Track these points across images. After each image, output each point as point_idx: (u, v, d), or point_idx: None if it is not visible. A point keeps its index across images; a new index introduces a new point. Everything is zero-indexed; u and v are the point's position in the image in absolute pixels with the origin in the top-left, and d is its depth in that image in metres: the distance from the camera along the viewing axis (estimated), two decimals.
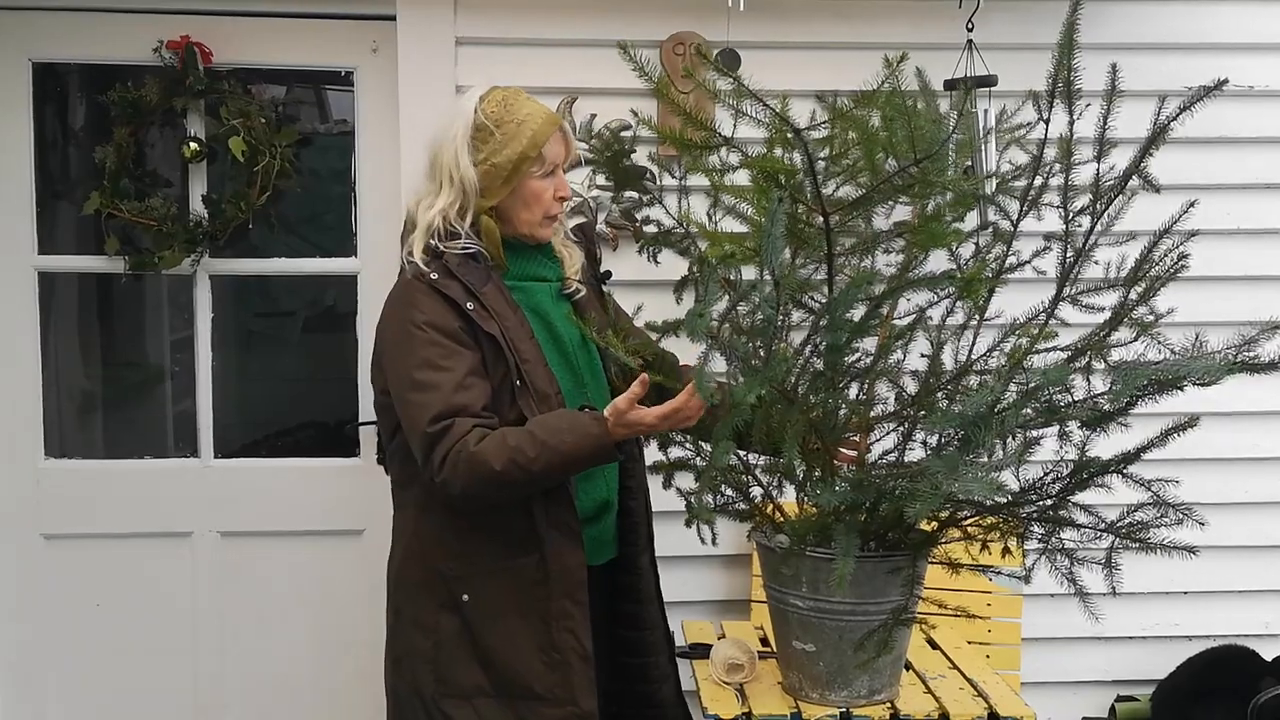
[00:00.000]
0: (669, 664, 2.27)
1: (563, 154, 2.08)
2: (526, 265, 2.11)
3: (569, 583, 2.01)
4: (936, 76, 2.48)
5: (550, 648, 2.00)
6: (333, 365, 3.10)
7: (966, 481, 1.76)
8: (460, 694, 2.02)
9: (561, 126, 2.07)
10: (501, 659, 2.01)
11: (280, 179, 2.92)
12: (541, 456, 1.86)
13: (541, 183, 2.05)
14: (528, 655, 2.00)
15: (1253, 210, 3.08)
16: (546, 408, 1.97)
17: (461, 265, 2.01)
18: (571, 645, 2.00)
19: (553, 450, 1.87)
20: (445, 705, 2.02)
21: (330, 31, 2.98)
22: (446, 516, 2.02)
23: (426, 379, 1.92)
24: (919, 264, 2.18)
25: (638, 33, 2.75)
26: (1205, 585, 3.13)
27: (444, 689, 2.02)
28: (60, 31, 2.92)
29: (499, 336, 1.97)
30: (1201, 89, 1.83)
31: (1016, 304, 2.16)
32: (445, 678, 2.03)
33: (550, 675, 2.00)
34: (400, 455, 2.08)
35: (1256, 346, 1.80)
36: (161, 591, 3.05)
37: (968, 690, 2.31)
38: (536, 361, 2.01)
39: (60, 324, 3.09)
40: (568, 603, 2.00)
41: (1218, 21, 3.03)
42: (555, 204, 2.07)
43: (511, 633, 2.00)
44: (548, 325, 2.09)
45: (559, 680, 2.00)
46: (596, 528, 2.11)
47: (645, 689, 2.21)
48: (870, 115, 2.02)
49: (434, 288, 1.98)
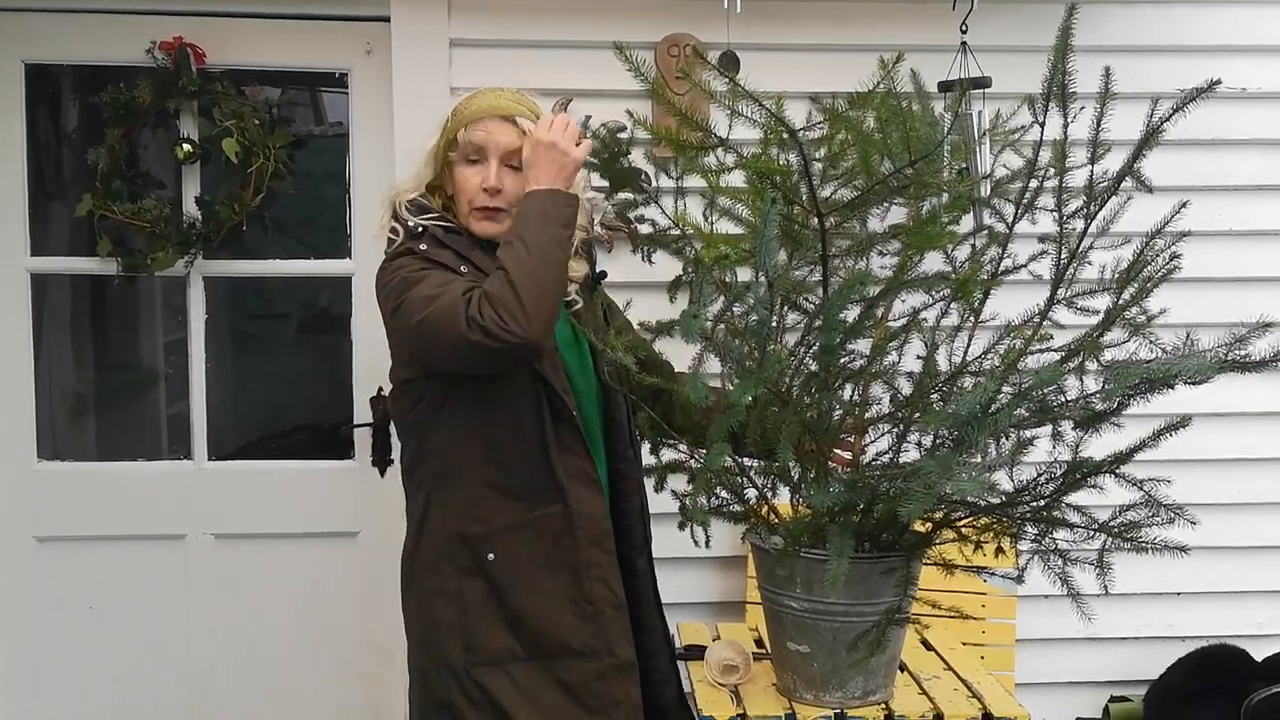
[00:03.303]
0: (670, 666, 2.24)
1: (491, 144, 2.00)
2: None
3: (594, 530, 2.00)
4: (931, 79, 2.48)
5: (583, 599, 1.98)
6: (327, 367, 3.10)
7: (960, 482, 1.76)
8: (492, 660, 1.97)
9: (506, 116, 2.01)
10: (531, 617, 1.97)
11: (274, 180, 2.92)
12: (526, 235, 1.85)
13: (464, 170, 2.02)
14: (559, 610, 1.97)
15: (1245, 211, 3.10)
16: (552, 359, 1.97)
17: (448, 235, 2.01)
18: (603, 594, 1.99)
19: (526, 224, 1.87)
20: (477, 674, 1.97)
21: (324, 33, 2.98)
22: (464, 478, 1.99)
23: (438, 292, 1.88)
24: (914, 266, 2.18)
25: (632, 35, 2.76)
26: (1198, 586, 3.14)
27: (474, 657, 1.98)
28: (53, 33, 2.91)
29: None
30: (1193, 91, 1.84)
31: (1011, 306, 2.16)
32: (474, 645, 1.98)
33: (584, 627, 1.97)
34: (414, 436, 2.06)
35: (1247, 346, 1.81)
36: (155, 594, 3.04)
37: (962, 691, 2.32)
38: None
39: (53, 326, 3.08)
40: (596, 551, 1.99)
41: (1211, 24, 3.05)
42: (482, 195, 2.01)
43: (540, 588, 1.97)
44: None
45: (594, 631, 1.98)
46: None
47: (647, 692, 2.17)
48: (865, 117, 2.02)
49: (424, 256, 1.97)
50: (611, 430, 2.13)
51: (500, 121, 2.02)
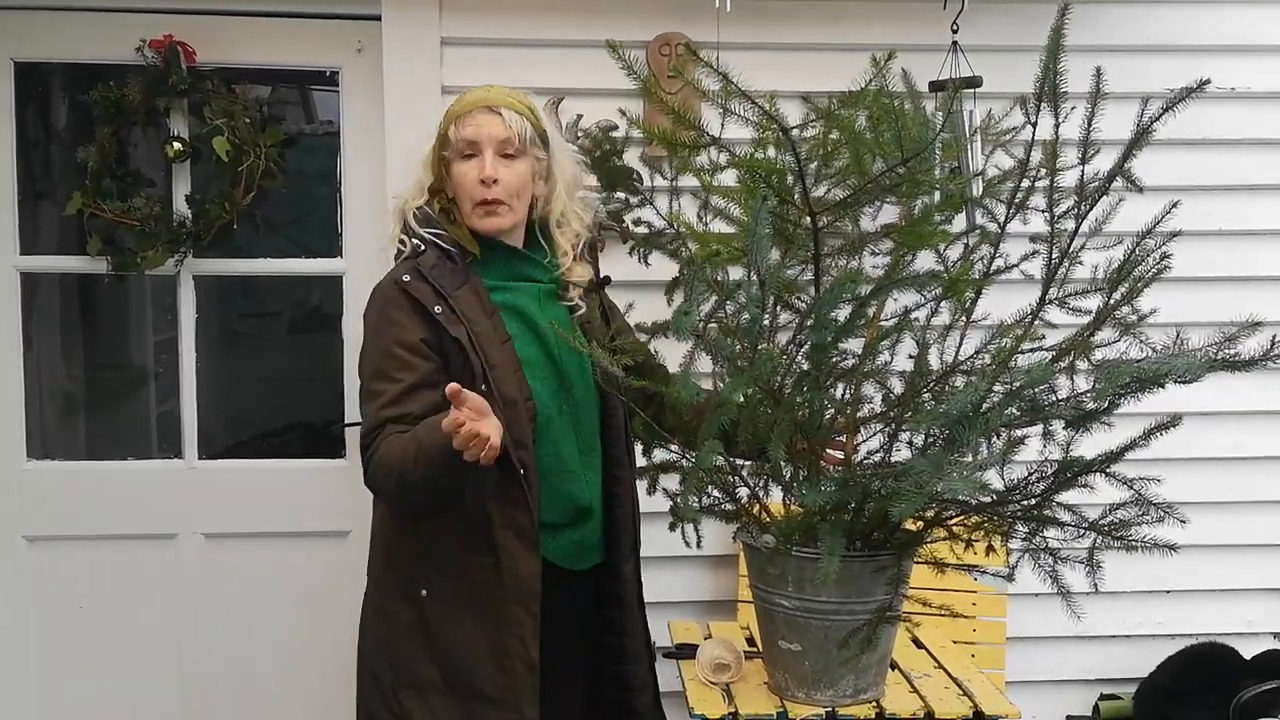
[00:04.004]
0: (648, 673, 2.25)
1: (482, 136, 2.01)
2: (513, 265, 2.10)
3: (521, 590, 1.98)
4: (922, 78, 2.49)
5: (501, 652, 1.98)
6: (318, 366, 3.09)
7: (951, 481, 1.77)
8: (414, 685, 2.01)
9: (490, 107, 2.01)
10: (454, 656, 1.99)
11: (265, 179, 2.91)
12: (420, 457, 1.83)
13: (460, 167, 2.03)
14: (478, 656, 1.98)
15: (1235, 211, 3.11)
16: (513, 413, 1.94)
17: (436, 266, 2.01)
18: (518, 652, 1.98)
19: (425, 451, 1.82)
20: (401, 695, 2.02)
21: (315, 31, 2.97)
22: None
23: (375, 389, 1.96)
24: (906, 265, 2.18)
25: (624, 34, 2.74)
26: (1188, 584, 3.15)
27: (400, 678, 2.03)
28: (42, 31, 2.90)
29: (465, 341, 1.96)
30: (1183, 90, 1.84)
31: (1003, 306, 2.17)
32: (401, 667, 2.03)
33: (499, 678, 1.98)
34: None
35: (1237, 345, 1.82)
36: (145, 593, 3.04)
37: (953, 689, 2.32)
38: (506, 367, 1.98)
39: (42, 325, 3.07)
40: (519, 609, 1.98)
41: (1202, 24, 3.06)
42: (480, 188, 2.01)
43: (465, 632, 1.99)
44: (532, 327, 2.07)
45: (506, 684, 1.98)
46: (578, 532, 2.10)
47: (624, 696, 2.19)
48: (857, 116, 2.02)
49: (404, 290, 1.98)
50: (608, 435, 2.13)
51: (488, 113, 2.02)
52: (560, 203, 2.12)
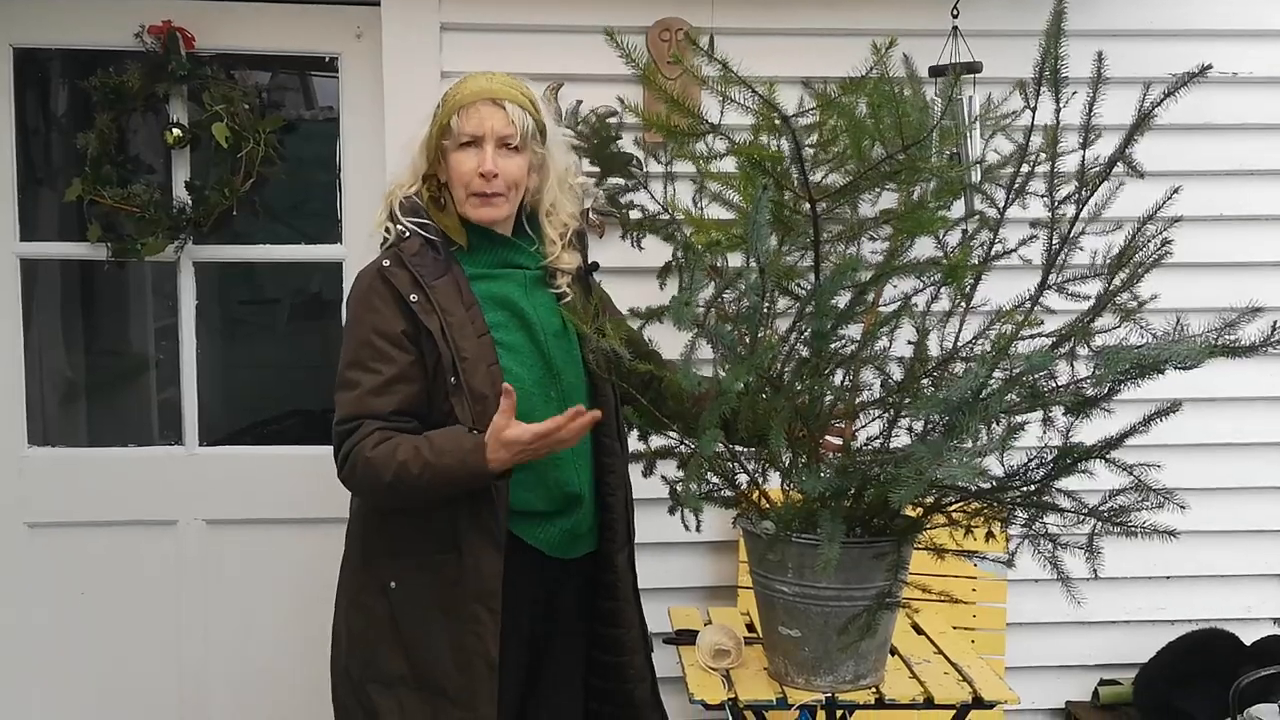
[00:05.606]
0: (645, 664, 2.24)
1: (485, 130, 2.00)
2: (499, 252, 2.09)
3: (482, 589, 1.97)
4: (922, 64, 2.48)
5: (459, 649, 1.97)
6: (318, 353, 3.10)
7: (951, 467, 1.76)
8: (384, 680, 2.02)
9: (495, 100, 2.01)
10: (419, 652, 2.00)
11: (264, 165, 2.91)
12: (425, 474, 1.87)
13: (458, 155, 2.02)
14: (442, 652, 1.98)
15: (1235, 196, 3.10)
16: (481, 409, 1.93)
17: (418, 255, 2.01)
18: (478, 649, 1.97)
19: (434, 470, 1.88)
20: (370, 690, 2.03)
21: (314, 17, 2.96)
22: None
23: (352, 378, 1.98)
24: (905, 251, 2.18)
25: (623, 19, 2.75)
26: (1188, 570, 3.16)
27: (370, 673, 2.03)
28: (41, 17, 2.89)
29: (437, 332, 1.95)
30: (1185, 75, 1.83)
31: (1002, 291, 2.16)
32: (371, 661, 2.03)
33: (459, 676, 1.98)
34: None
35: (1237, 331, 1.81)
36: (146, 580, 3.05)
37: (952, 675, 2.33)
38: (478, 360, 1.97)
39: (43, 311, 3.07)
40: (480, 608, 1.97)
41: (1203, 8, 3.04)
42: (478, 180, 2.00)
43: (430, 628, 1.99)
44: (518, 314, 2.06)
45: (465, 683, 1.97)
46: (568, 520, 2.09)
47: (622, 687, 2.18)
48: (857, 102, 2.02)
49: (384, 275, 1.99)
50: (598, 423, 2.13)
51: (493, 106, 2.01)
52: (551, 194, 2.12)
